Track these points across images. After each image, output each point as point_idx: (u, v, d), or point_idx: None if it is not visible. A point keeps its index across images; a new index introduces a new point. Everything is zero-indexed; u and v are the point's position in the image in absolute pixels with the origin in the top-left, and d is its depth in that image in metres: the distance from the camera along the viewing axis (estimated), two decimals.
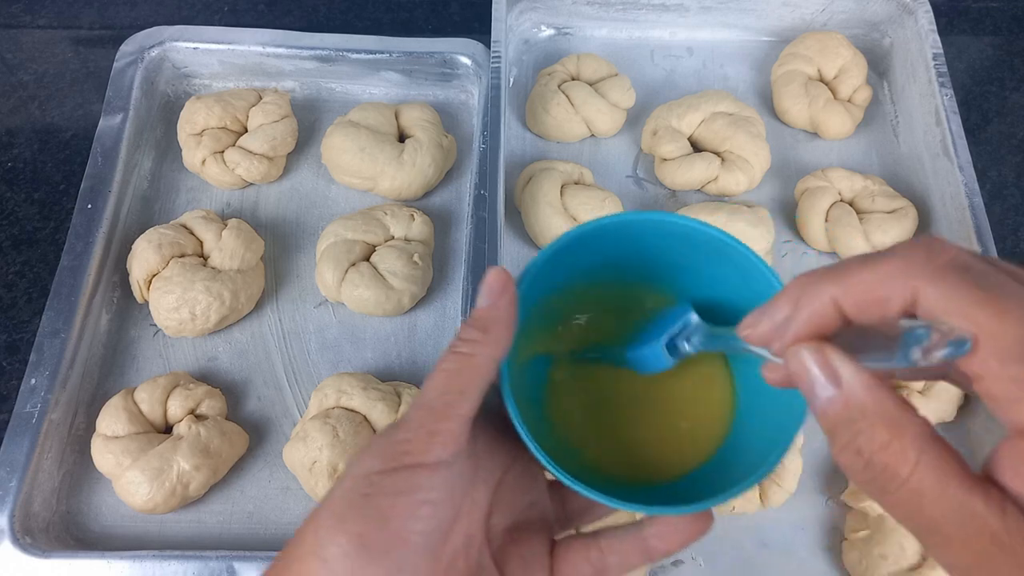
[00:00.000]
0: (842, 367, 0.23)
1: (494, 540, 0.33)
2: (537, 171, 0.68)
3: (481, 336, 0.31)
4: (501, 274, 0.31)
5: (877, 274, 0.23)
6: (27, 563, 0.51)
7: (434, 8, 0.84)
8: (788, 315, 0.25)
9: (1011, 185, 0.75)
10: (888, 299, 0.23)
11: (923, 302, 0.22)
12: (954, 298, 0.21)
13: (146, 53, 0.72)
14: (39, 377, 0.57)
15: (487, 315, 0.31)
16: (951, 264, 0.22)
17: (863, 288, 0.23)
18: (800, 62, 0.74)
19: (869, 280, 0.23)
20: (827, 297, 0.24)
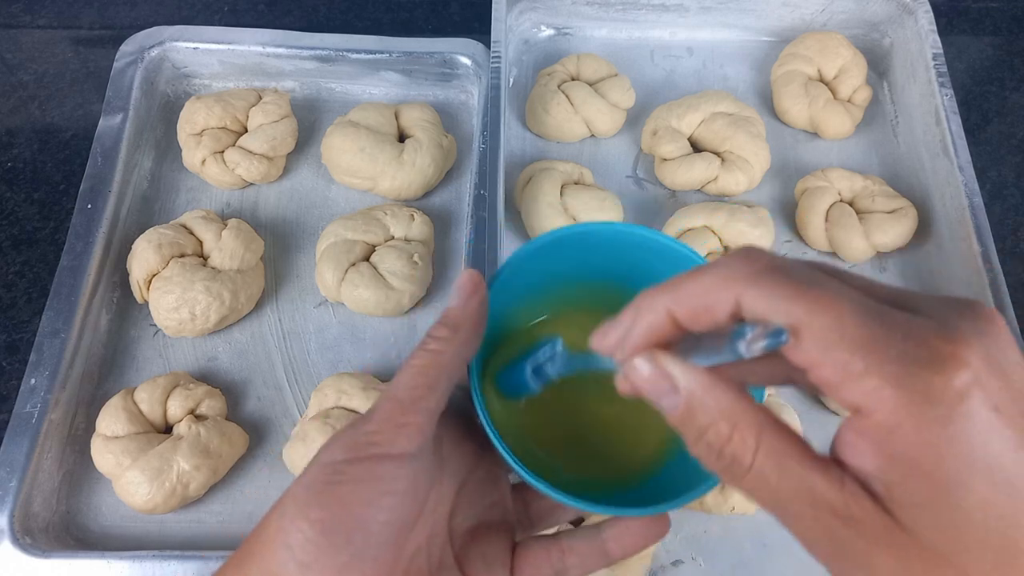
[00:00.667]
0: (676, 370, 0.25)
1: (457, 539, 0.34)
2: (537, 171, 0.68)
3: (451, 334, 0.32)
4: (473, 276, 0.32)
5: (703, 284, 0.25)
6: (27, 563, 0.51)
7: (434, 8, 0.84)
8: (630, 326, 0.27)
9: (1011, 185, 0.75)
10: (715, 306, 0.24)
11: (746, 306, 0.23)
12: (772, 298, 0.23)
13: (146, 53, 0.72)
14: (39, 377, 0.57)
15: (457, 314, 0.32)
16: (767, 268, 0.24)
17: (691, 298, 0.25)
18: (800, 62, 0.74)
19: (696, 290, 0.25)
20: (661, 308, 0.26)
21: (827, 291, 0.22)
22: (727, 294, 0.24)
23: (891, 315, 0.22)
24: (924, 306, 0.23)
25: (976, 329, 0.22)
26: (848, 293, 0.23)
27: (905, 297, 0.24)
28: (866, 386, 0.21)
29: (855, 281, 0.24)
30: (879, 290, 0.24)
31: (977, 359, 0.21)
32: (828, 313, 0.22)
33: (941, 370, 0.21)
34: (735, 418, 0.24)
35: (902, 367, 0.21)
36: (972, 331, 0.22)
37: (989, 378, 0.21)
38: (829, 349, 0.22)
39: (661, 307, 0.26)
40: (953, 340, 0.21)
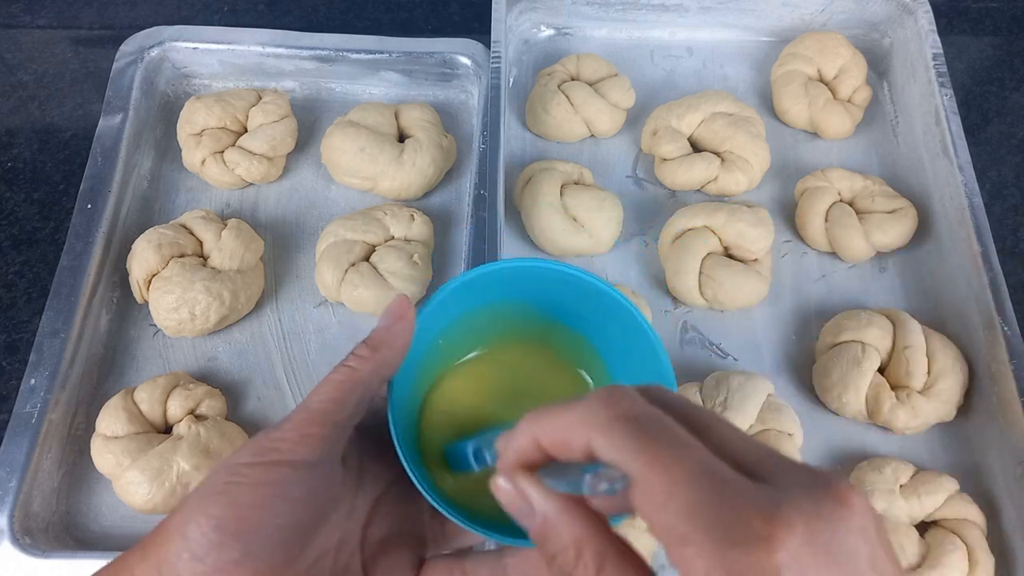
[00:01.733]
0: (532, 493, 0.27)
1: (368, 547, 0.35)
2: (537, 171, 0.68)
3: (370, 354, 0.34)
4: (403, 301, 0.34)
5: (563, 422, 0.26)
6: (27, 563, 0.51)
7: (434, 8, 0.84)
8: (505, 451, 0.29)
9: (1011, 185, 0.75)
10: (570, 443, 0.25)
11: (595, 450, 0.25)
12: (616, 448, 0.24)
13: (146, 53, 0.72)
14: (39, 377, 0.57)
15: (380, 336, 0.34)
16: (621, 416, 0.24)
17: (552, 433, 0.26)
18: (800, 62, 0.74)
19: (557, 427, 0.26)
20: (529, 436, 0.27)
21: (668, 450, 0.23)
22: (581, 436, 0.25)
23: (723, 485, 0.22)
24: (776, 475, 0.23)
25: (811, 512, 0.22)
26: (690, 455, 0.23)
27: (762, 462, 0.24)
28: (685, 552, 0.22)
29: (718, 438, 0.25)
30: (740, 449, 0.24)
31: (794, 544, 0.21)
32: (662, 474, 0.23)
33: (751, 550, 0.21)
34: (580, 545, 0.25)
35: (718, 541, 0.21)
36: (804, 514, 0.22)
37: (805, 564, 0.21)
38: (658, 509, 0.23)
39: (530, 435, 0.27)
40: (774, 520, 0.21)
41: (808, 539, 0.21)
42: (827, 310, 0.65)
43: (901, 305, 0.66)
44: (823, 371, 0.60)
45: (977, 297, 0.61)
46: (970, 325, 0.61)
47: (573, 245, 0.65)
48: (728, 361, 0.63)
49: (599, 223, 0.65)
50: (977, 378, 0.60)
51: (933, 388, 0.58)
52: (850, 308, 0.64)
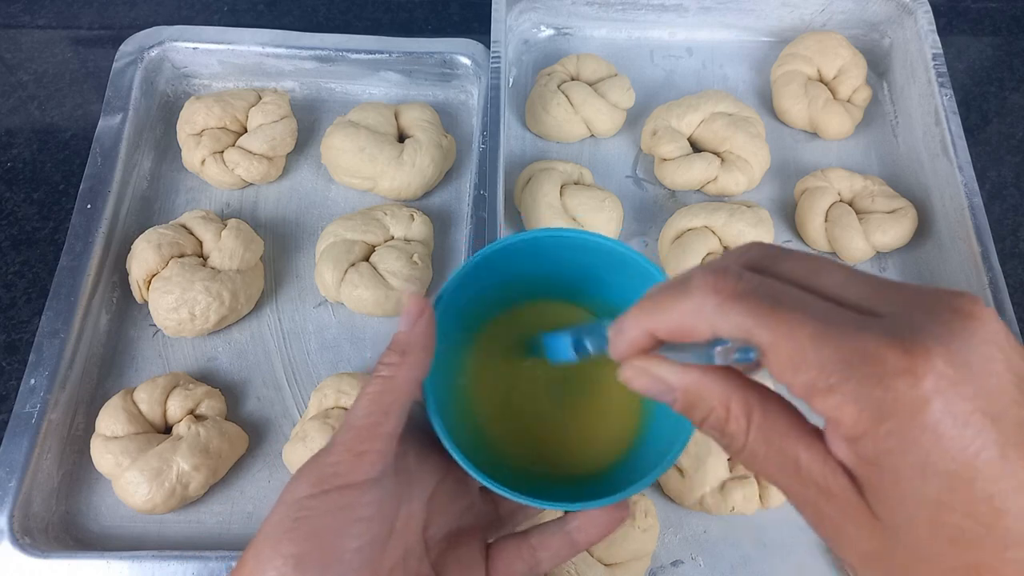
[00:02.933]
0: (667, 374, 0.28)
1: (432, 549, 0.36)
2: (537, 171, 0.68)
3: (400, 359, 0.34)
4: (418, 300, 0.34)
5: (679, 313, 0.27)
6: (26, 563, 0.51)
7: (434, 8, 0.84)
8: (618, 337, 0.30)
9: (1010, 185, 0.75)
10: (692, 331, 0.26)
11: (720, 333, 0.26)
12: (740, 327, 0.25)
13: (146, 53, 0.72)
14: (38, 377, 0.57)
15: (406, 339, 0.34)
16: (732, 295, 0.25)
17: (670, 324, 0.27)
18: (799, 62, 0.74)
19: (674, 318, 0.27)
20: (644, 330, 0.28)
21: (789, 315, 0.24)
22: (702, 322, 0.26)
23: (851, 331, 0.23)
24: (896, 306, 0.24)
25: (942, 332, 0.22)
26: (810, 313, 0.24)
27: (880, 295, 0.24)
28: (830, 402, 0.23)
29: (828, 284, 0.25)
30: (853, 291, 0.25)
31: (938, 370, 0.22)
32: (789, 339, 0.24)
33: (893, 387, 0.22)
34: (727, 402, 0.27)
35: (859, 384, 0.22)
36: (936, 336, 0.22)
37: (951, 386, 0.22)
38: (795, 372, 0.24)
39: (643, 328, 0.28)
40: (911, 352, 0.22)
41: (947, 360, 0.22)
42: None
43: None
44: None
45: None
46: None
47: None
48: None
49: (599, 223, 0.65)
50: None
51: None
52: None
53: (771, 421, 0.26)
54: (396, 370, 0.33)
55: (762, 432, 0.26)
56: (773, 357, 0.24)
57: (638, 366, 0.29)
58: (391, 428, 0.33)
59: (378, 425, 0.32)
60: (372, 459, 0.32)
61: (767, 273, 0.26)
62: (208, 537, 0.55)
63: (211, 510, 0.57)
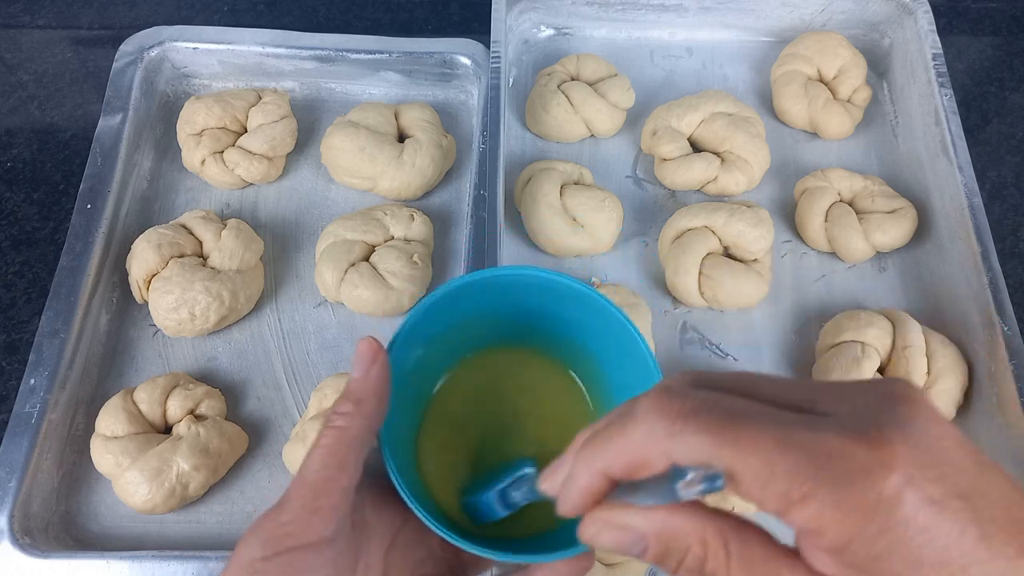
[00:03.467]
0: (633, 521, 0.26)
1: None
2: (537, 171, 0.68)
3: (354, 408, 0.32)
4: (371, 344, 0.33)
5: (630, 445, 0.25)
6: (26, 563, 0.51)
7: (434, 8, 0.84)
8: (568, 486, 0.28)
9: (1010, 185, 0.75)
10: (648, 463, 0.25)
11: (677, 458, 0.24)
12: (699, 448, 0.24)
13: (146, 53, 0.72)
14: (38, 377, 0.57)
15: (359, 387, 0.33)
16: (683, 414, 0.24)
17: (624, 459, 0.26)
18: (799, 62, 0.74)
19: (626, 451, 0.25)
20: (596, 470, 0.26)
21: (748, 427, 0.23)
22: (657, 452, 0.25)
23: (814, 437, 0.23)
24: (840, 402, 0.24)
25: (897, 420, 0.22)
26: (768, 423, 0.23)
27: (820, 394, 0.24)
28: (808, 512, 0.22)
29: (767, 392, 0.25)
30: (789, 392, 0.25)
31: (903, 458, 0.22)
32: (755, 454, 0.23)
33: (870, 484, 0.21)
34: (703, 539, 0.25)
35: (835, 488, 0.22)
36: (893, 426, 0.22)
37: (919, 472, 0.22)
38: (766, 486, 0.23)
39: (595, 468, 0.26)
40: (876, 445, 0.22)
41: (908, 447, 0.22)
42: (827, 310, 0.65)
43: (901, 305, 0.66)
44: (823, 371, 0.60)
45: (977, 297, 0.61)
46: (970, 325, 0.61)
47: (573, 245, 0.65)
48: (728, 361, 0.63)
49: (599, 223, 0.65)
50: (977, 378, 0.60)
51: (933, 388, 0.58)
52: (850, 308, 0.64)
53: (749, 550, 0.25)
54: (350, 420, 0.32)
55: (743, 563, 0.25)
56: (742, 476, 0.23)
57: (600, 518, 0.27)
58: (346, 482, 0.31)
59: (332, 480, 0.31)
60: (326, 516, 0.30)
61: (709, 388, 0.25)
62: (208, 537, 0.55)
63: (211, 510, 0.57)
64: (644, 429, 0.25)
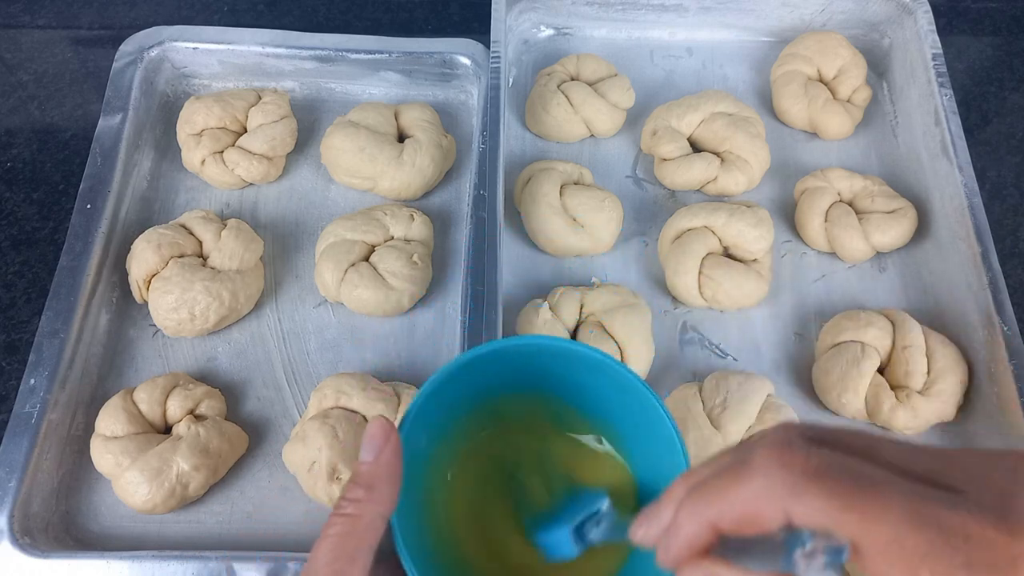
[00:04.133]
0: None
1: None
2: (537, 171, 0.68)
3: (366, 495, 0.31)
4: (383, 424, 0.31)
5: (745, 497, 0.24)
6: (26, 563, 0.51)
7: (434, 8, 0.84)
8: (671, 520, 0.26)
9: (1010, 185, 0.75)
10: (762, 518, 0.23)
11: (796, 518, 0.23)
12: (823, 511, 0.22)
13: (145, 53, 0.72)
14: (38, 377, 0.57)
15: (371, 471, 0.31)
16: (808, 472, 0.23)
17: (736, 511, 0.24)
18: (799, 62, 0.74)
19: (740, 504, 0.24)
20: (704, 521, 0.25)
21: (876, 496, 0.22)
22: (774, 507, 0.23)
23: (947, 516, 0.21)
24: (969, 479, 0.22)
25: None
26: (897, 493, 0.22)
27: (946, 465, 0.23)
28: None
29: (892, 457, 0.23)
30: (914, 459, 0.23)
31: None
32: (884, 524, 0.21)
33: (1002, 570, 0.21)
34: None
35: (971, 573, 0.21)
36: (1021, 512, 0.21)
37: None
38: (893, 563, 0.21)
39: (703, 519, 0.25)
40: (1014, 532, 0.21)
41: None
42: (827, 310, 0.65)
43: (901, 305, 0.66)
44: (823, 371, 0.60)
45: (976, 297, 0.61)
46: (970, 325, 0.61)
47: (573, 245, 0.65)
48: (728, 361, 0.63)
49: (599, 223, 0.65)
50: (977, 378, 0.60)
51: (933, 388, 0.58)
52: (850, 308, 0.64)
53: None
54: (361, 508, 0.30)
55: None
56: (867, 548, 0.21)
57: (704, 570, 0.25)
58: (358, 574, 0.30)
59: (342, 574, 0.29)
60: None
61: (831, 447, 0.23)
62: (208, 537, 0.55)
63: (211, 510, 0.56)
64: (763, 482, 0.23)
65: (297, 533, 0.55)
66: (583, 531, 0.33)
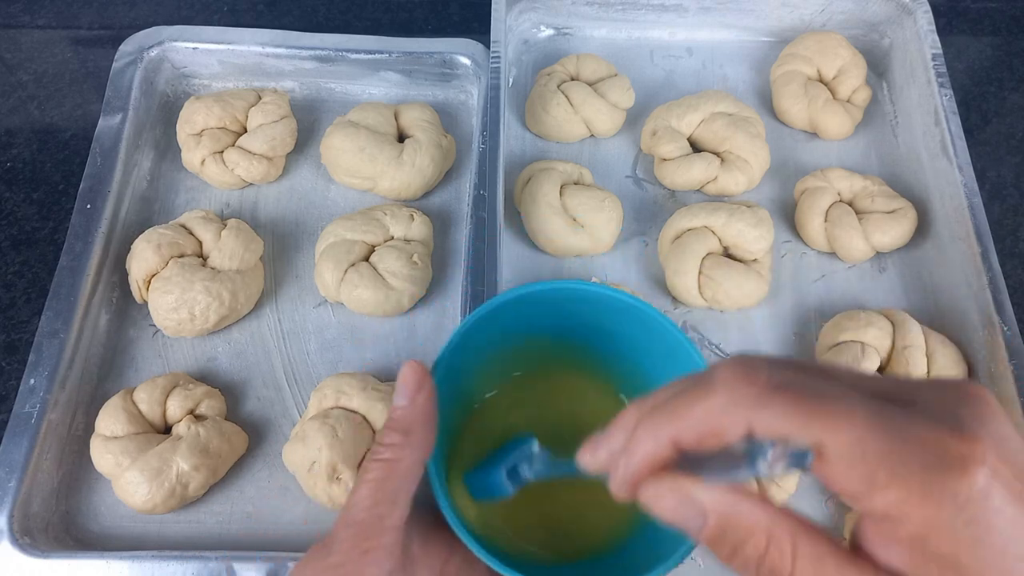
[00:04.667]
0: (701, 495, 0.25)
1: None
2: (537, 171, 0.68)
3: (403, 439, 0.31)
4: (416, 369, 0.31)
5: (707, 410, 0.24)
6: (26, 563, 0.51)
7: (434, 8, 0.84)
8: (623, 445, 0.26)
9: (1010, 185, 0.75)
10: (724, 431, 0.24)
11: (759, 429, 0.23)
12: (786, 418, 0.23)
13: (145, 53, 0.72)
14: (38, 377, 0.57)
15: (406, 416, 0.31)
16: (770, 387, 0.24)
17: (698, 425, 0.25)
18: (799, 62, 0.74)
19: (701, 417, 0.24)
20: (664, 436, 0.25)
21: (839, 405, 0.23)
22: (737, 419, 0.24)
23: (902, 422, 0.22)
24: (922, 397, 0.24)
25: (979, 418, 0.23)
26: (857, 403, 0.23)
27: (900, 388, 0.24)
28: (892, 496, 0.22)
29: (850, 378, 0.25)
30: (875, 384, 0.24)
31: (990, 453, 0.22)
32: (847, 430, 0.22)
33: (962, 474, 0.21)
34: (769, 529, 0.24)
35: (926, 476, 0.22)
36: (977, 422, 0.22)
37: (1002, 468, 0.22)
38: (853, 465, 0.22)
39: (663, 435, 0.25)
40: (966, 439, 0.22)
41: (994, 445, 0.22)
42: (827, 310, 0.65)
43: (901, 305, 0.66)
44: None
45: (976, 297, 0.61)
46: (970, 325, 0.61)
47: (573, 245, 0.65)
48: None
49: (599, 223, 0.65)
50: (977, 378, 0.60)
51: None
52: (850, 308, 0.64)
53: (818, 548, 0.24)
54: (399, 451, 0.30)
55: (811, 561, 0.24)
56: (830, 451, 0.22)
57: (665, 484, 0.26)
58: (397, 518, 0.30)
59: (383, 518, 0.29)
60: (378, 557, 0.29)
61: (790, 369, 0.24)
62: (208, 537, 0.55)
63: (211, 510, 0.57)
64: (726, 397, 0.24)
65: (297, 533, 0.55)
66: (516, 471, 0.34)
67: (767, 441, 0.23)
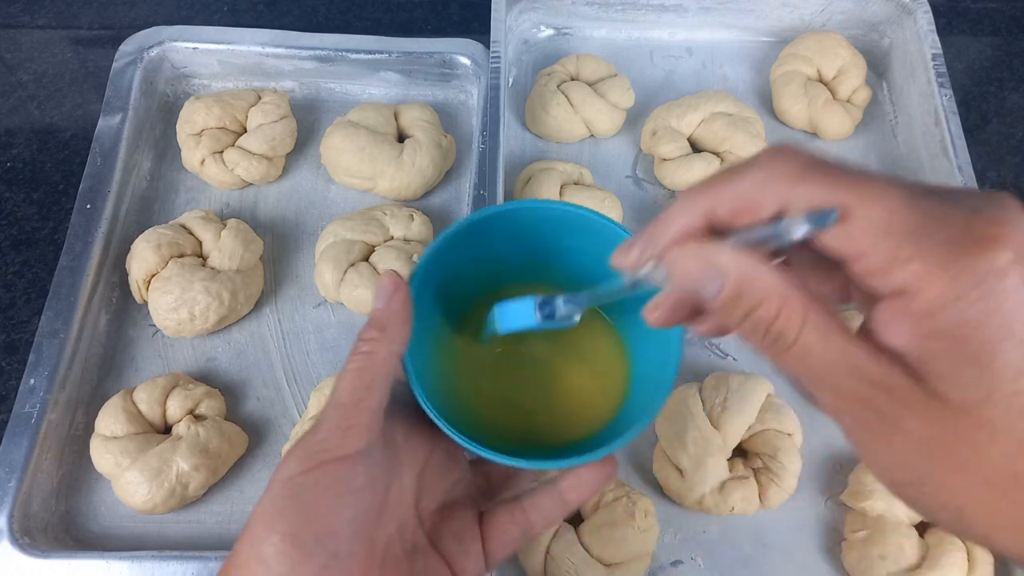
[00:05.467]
0: (721, 255, 0.26)
1: (426, 521, 0.36)
2: (536, 171, 0.68)
3: (379, 334, 0.34)
4: (392, 276, 0.35)
5: (746, 184, 0.25)
6: (26, 563, 0.51)
7: (434, 8, 0.84)
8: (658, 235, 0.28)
9: (1010, 186, 0.75)
10: (759, 205, 0.25)
11: (795, 202, 0.25)
12: (820, 190, 0.24)
13: (145, 53, 0.72)
14: (38, 377, 0.57)
15: (383, 315, 0.35)
16: (809, 164, 0.25)
17: (735, 198, 0.26)
18: (799, 62, 0.74)
19: (740, 190, 0.26)
20: (700, 209, 0.26)
21: (874, 183, 0.24)
22: (773, 192, 0.25)
23: (935, 205, 0.23)
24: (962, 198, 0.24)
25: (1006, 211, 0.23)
26: (894, 184, 0.24)
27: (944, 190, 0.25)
28: (913, 269, 0.23)
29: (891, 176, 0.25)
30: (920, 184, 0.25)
31: (1016, 241, 0.22)
32: (878, 202, 0.23)
33: (985, 252, 0.22)
34: (783, 296, 0.25)
35: (948, 251, 0.22)
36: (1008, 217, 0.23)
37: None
38: (878, 236, 0.23)
39: (700, 208, 0.26)
40: (994, 223, 0.23)
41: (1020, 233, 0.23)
42: None
43: None
44: None
45: None
46: None
47: None
48: (728, 361, 0.63)
49: None
50: None
51: None
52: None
53: (827, 320, 0.25)
54: (376, 345, 0.34)
55: (818, 331, 0.25)
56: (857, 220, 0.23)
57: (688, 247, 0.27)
58: (375, 402, 0.33)
59: (362, 400, 0.33)
60: (359, 432, 0.32)
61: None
62: (208, 537, 0.55)
63: (211, 510, 0.57)
64: (765, 173, 0.25)
65: None
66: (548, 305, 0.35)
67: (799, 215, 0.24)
